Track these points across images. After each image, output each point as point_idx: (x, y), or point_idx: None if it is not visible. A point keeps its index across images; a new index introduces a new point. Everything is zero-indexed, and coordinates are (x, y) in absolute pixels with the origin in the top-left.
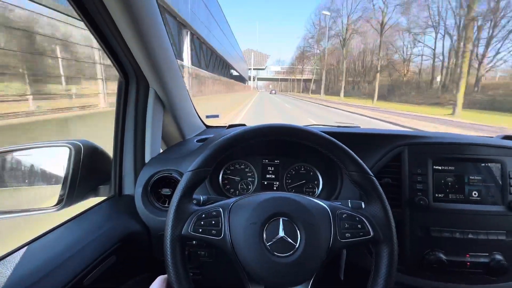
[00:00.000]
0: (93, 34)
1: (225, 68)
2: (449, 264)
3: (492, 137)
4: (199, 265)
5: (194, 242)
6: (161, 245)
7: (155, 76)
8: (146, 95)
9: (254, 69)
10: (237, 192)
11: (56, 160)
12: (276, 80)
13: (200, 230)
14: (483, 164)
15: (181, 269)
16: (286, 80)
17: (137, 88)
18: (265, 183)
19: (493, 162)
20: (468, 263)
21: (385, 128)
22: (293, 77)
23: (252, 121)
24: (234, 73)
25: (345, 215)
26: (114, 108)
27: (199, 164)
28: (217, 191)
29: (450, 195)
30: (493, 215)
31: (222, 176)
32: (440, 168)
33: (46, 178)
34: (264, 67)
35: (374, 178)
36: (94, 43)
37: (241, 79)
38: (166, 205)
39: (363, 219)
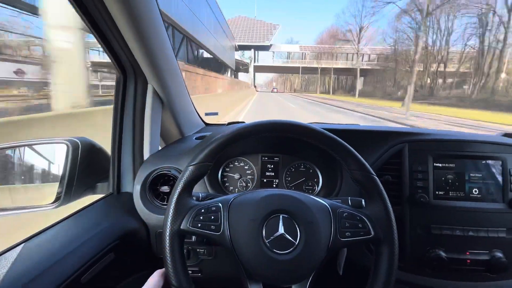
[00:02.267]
0: (90, 30)
1: (186, 46)
2: (449, 262)
3: (492, 134)
4: (198, 263)
5: (193, 238)
6: (160, 242)
7: (154, 72)
8: (145, 92)
9: (245, 47)
10: (236, 189)
11: (53, 157)
12: (292, 71)
13: (199, 225)
14: (483, 162)
15: (179, 264)
16: (312, 70)
17: (135, 84)
18: (265, 180)
19: (493, 160)
20: (468, 261)
21: (385, 125)
22: (330, 65)
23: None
24: (205, 55)
25: (346, 213)
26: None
27: (201, 159)
28: (216, 188)
29: (450, 192)
30: (493, 213)
31: (221, 174)
32: (440, 165)
33: (44, 175)
34: (268, 44)
35: (376, 177)
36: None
37: (219, 67)
38: (165, 203)
39: (364, 218)
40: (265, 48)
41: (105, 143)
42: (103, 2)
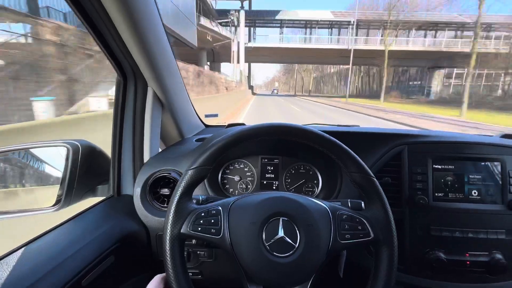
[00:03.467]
0: (90, 33)
1: None
2: (449, 263)
3: (491, 136)
4: (198, 265)
5: (193, 241)
6: (160, 245)
7: (153, 75)
8: (145, 95)
9: (225, 12)
10: (236, 192)
11: (54, 160)
12: (327, 58)
13: (199, 228)
14: (482, 163)
15: (180, 268)
16: (365, 57)
17: (135, 87)
18: (265, 182)
19: (492, 161)
20: (468, 262)
21: (385, 127)
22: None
23: (254, 120)
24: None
25: (345, 216)
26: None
27: (200, 162)
28: (216, 191)
29: (450, 194)
30: (492, 214)
31: (221, 176)
32: (440, 167)
33: (44, 178)
34: None
35: (375, 179)
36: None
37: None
38: (165, 205)
39: (364, 220)
40: (267, 14)
41: (107, 145)
42: (103, 6)
